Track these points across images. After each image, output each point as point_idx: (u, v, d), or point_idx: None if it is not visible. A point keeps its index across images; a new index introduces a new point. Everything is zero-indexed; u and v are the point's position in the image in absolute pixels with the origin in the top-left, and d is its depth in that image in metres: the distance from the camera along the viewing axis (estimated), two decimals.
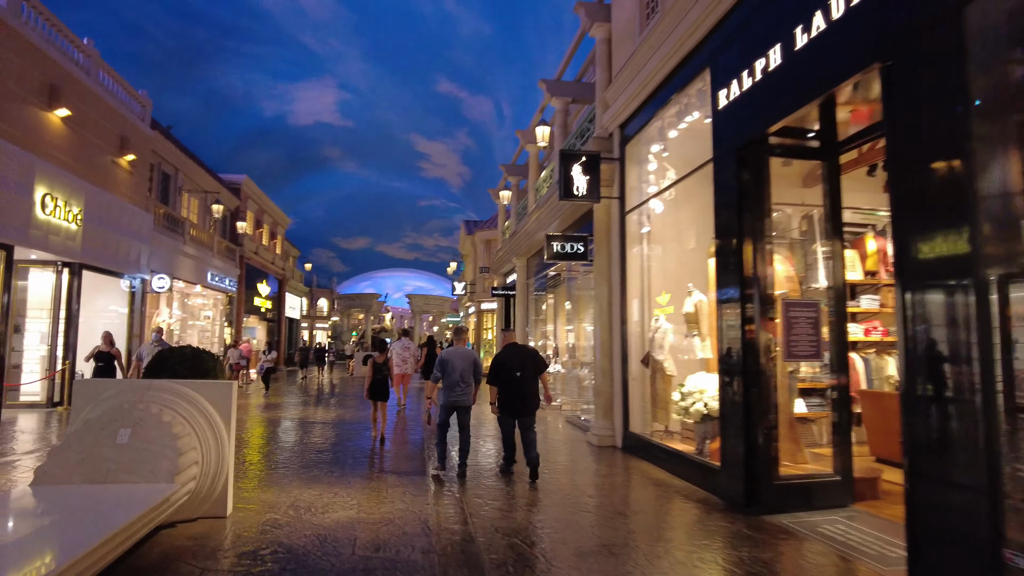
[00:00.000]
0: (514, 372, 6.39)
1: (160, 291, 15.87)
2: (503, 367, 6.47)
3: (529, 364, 6.49)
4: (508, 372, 6.42)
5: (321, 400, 14.92)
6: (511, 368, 6.42)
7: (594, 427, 8.65)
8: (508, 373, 6.41)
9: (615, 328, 8.57)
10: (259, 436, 9.10)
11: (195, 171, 20.22)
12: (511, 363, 6.45)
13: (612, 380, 8.57)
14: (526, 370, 6.43)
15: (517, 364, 6.43)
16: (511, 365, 6.43)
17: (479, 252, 27.75)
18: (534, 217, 12.69)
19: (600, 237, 8.84)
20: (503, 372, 6.45)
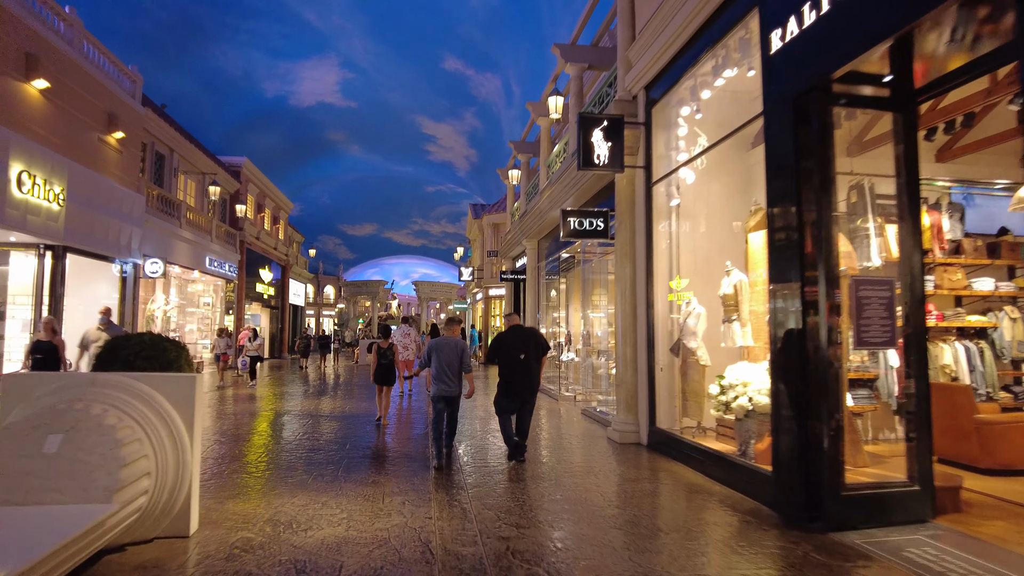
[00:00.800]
0: (518, 354, 6.33)
1: (153, 276, 15.16)
2: (505, 349, 6.39)
3: (532, 346, 6.44)
4: (511, 354, 6.34)
5: (320, 390, 14.19)
6: (514, 350, 6.34)
7: (616, 422, 7.84)
8: (511, 355, 6.34)
9: (640, 313, 7.72)
10: (243, 433, 8.36)
11: (192, 152, 19.43)
12: (514, 345, 6.38)
13: (636, 370, 7.74)
14: (529, 352, 6.37)
15: (520, 346, 6.38)
16: (514, 347, 6.36)
17: (487, 236, 26.88)
18: (546, 195, 11.81)
19: (623, 212, 7.96)
20: (505, 354, 6.37)
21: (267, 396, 12.69)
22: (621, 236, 7.95)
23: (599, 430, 8.59)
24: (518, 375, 6.38)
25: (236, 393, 13.03)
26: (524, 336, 6.59)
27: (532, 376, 6.46)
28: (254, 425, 8.91)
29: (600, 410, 9.89)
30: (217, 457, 6.53)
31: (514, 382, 6.40)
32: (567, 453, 7.05)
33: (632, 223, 7.90)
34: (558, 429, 8.85)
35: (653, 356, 7.40)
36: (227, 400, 11.75)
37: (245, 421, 9.23)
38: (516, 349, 6.39)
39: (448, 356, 6.33)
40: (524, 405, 6.48)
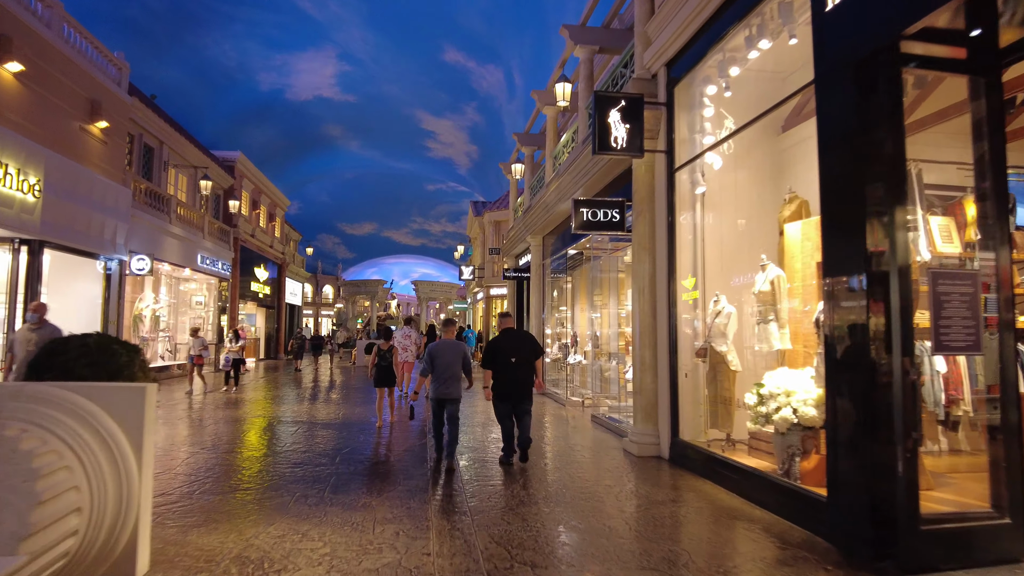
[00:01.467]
0: (510, 358, 6.32)
1: (140, 273, 14.46)
2: (499, 352, 6.37)
3: (526, 350, 6.45)
4: (504, 357, 6.33)
5: (311, 395, 13.48)
6: (507, 353, 6.33)
7: (633, 433, 7.13)
8: (504, 358, 6.32)
9: (660, 312, 7.02)
10: (220, 446, 7.65)
11: (183, 145, 18.72)
12: (507, 348, 6.37)
13: (656, 376, 7.04)
14: (522, 356, 6.37)
15: (513, 349, 6.37)
16: (507, 350, 6.35)
17: (488, 234, 26.18)
18: (553, 187, 11.11)
19: (641, 202, 7.26)
20: (499, 357, 6.35)
21: (252, 402, 11.98)
22: (639, 228, 7.24)
23: (613, 440, 7.89)
24: (512, 378, 6.35)
25: (217, 399, 12.32)
26: (518, 339, 6.60)
27: (526, 379, 6.42)
28: (234, 436, 8.20)
29: (611, 417, 9.19)
30: (188, 474, 5.83)
31: (508, 385, 6.36)
32: (581, 468, 6.35)
33: (652, 214, 7.20)
34: (568, 439, 8.15)
35: (676, 360, 6.70)
36: (205, 407, 11.04)
37: (224, 431, 8.52)
38: (509, 352, 6.36)
39: (449, 359, 6.29)
40: (519, 407, 6.39)
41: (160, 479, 5.50)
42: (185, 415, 9.85)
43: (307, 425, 8.91)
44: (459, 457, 6.65)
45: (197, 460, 6.42)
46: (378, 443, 7.58)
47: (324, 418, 9.62)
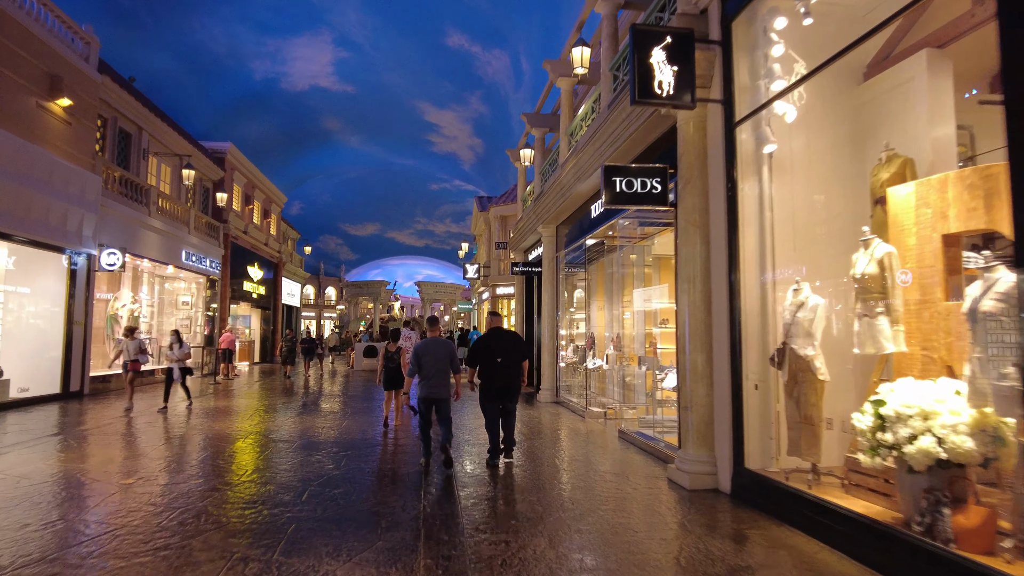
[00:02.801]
0: (496, 358, 6.27)
1: (110, 269, 13.08)
2: (485, 352, 6.33)
3: (512, 350, 6.39)
4: (489, 357, 6.29)
5: (295, 407, 12.04)
6: (493, 353, 6.29)
7: (682, 459, 5.64)
8: (489, 358, 6.29)
9: (718, 307, 5.55)
10: (151, 479, 6.22)
11: (165, 133, 17.37)
12: (495, 348, 6.32)
13: (712, 386, 5.56)
14: (508, 356, 6.32)
15: (500, 350, 6.31)
16: (494, 350, 6.31)
17: (494, 230, 24.74)
18: (570, 165, 9.66)
19: (690, 168, 5.79)
20: (485, 356, 6.32)
21: (221, 415, 10.54)
22: (687, 201, 5.77)
23: (651, 466, 6.41)
24: (498, 378, 6.29)
25: (179, 413, 10.90)
26: (505, 339, 6.51)
27: (513, 379, 6.36)
28: (175, 464, 6.76)
29: (641, 433, 7.72)
30: (90, 525, 4.39)
31: (494, 385, 6.31)
32: (618, 506, 4.88)
33: (704, 182, 5.73)
34: (593, 463, 6.67)
35: (740, 367, 5.23)
36: (155, 424, 9.62)
37: (165, 457, 7.08)
38: (496, 352, 6.30)
39: (437, 358, 6.13)
40: (505, 407, 6.37)
41: (38, 534, 4.07)
42: (120, 435, 8.43)
43: (278, 446, 7.47)
44: (466, 499, 5.19)
45: (109, 504, 4.98)
46: (361, 469, 6.13)
47: (302, 436, 8.17)
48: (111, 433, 8.10)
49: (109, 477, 5.67)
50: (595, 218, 9.43)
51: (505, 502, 4.99)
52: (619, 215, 8.36)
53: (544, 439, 8.13)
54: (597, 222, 9.41)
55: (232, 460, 6.56)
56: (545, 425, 9.32)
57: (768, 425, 5.19)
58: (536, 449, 7.38)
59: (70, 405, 11.03)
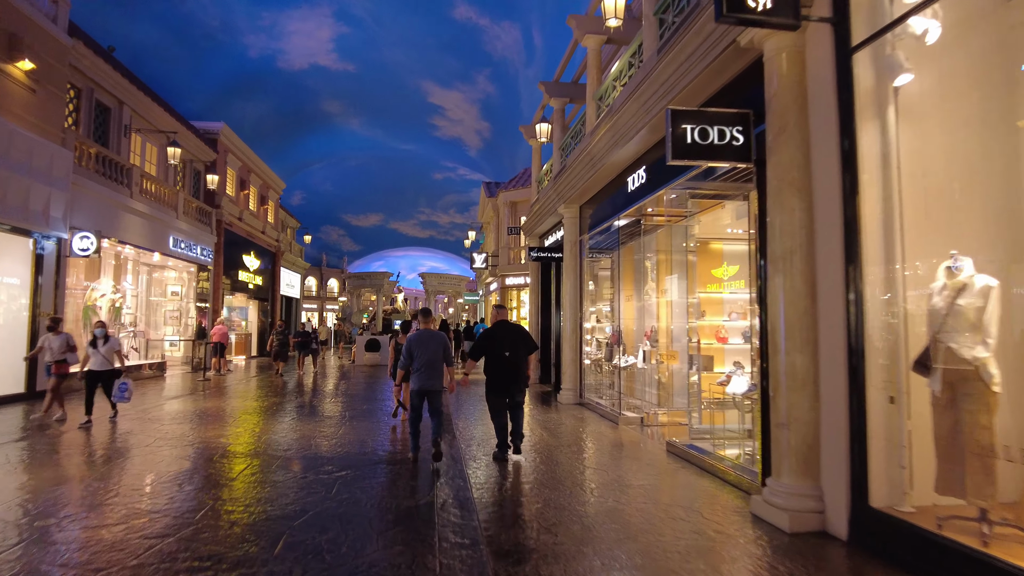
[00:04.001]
0: (504, 351, 6.20)
1: (83, 255, 11.79)
2: (492, 345, 6.26)
3: (520, 344, 6.33)
4: (498, 351, 6.21)
5: (288, 409, 10.77)
6: (500, 346, 6.22)
7: (775, 490, 4.33)
8: (498, 352, 6.21)
9: (826, 292, 4.22)
10: (75, 514, 4.93)
11: (149, 108, 16.02)
12: (500, 341, 6.26)
13: (818, 397, 4.24)
14: (516, 350, 6.26)
15: (508, 344, 6.25)
16: (502, 344, 6.24)
17: (503, 217, 23.38)
18: (603, 132, 8.29)
19: (785, 112, 4.44)
20: (491, 350, 6.25)
21: (190, 419, 9.28)
22: (782, 155, 4.42)
23: (722, 493, 5.10)
24: (505, 372, 6.24)
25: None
26: (512, 332, 6.44)
27: (520, 373, 6.33)
28: (115, 489, 5.49)
29: (694, 446, 6.42)
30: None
31: (502, 379, 6.26)
32: (700, 560, 3.57)
33: (803, 131, 4.38)
34: (641, 487, 5.36)
35: (861, 372, 3.90)
36: (98, 433, 8.35)
37: (95, 482, 5.81)
38: (503, 345, 6.25)
39: (430, 350, 6.11)
40: (513, 399, 6.30)
41: None
42: (50, 451, 7.16)
43: (255, 464, 6.19)
44: (494, 546, 3.90)
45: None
46: (358, 500, 4.84)
47: (288, 449, 6.89)
48: (40, 450, 6.83)
49: (8, 511, 4.39)
50: (632, 192, 8.08)
51: (553, 558, 3.68)
52: (667, 185, 7.01)
53: (574, 453, 6.83)
54: (634, 197, 8.06)
55: (190, 486, 5.27)
56: (571, 433, 8.02)
57: (899, 448, 3.88)
58: (569, 467, 6.08)
59: (35, 407, 9.78)
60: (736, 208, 7.79)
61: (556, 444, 7.24)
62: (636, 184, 7.87)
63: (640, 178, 7.74)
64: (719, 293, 8.42)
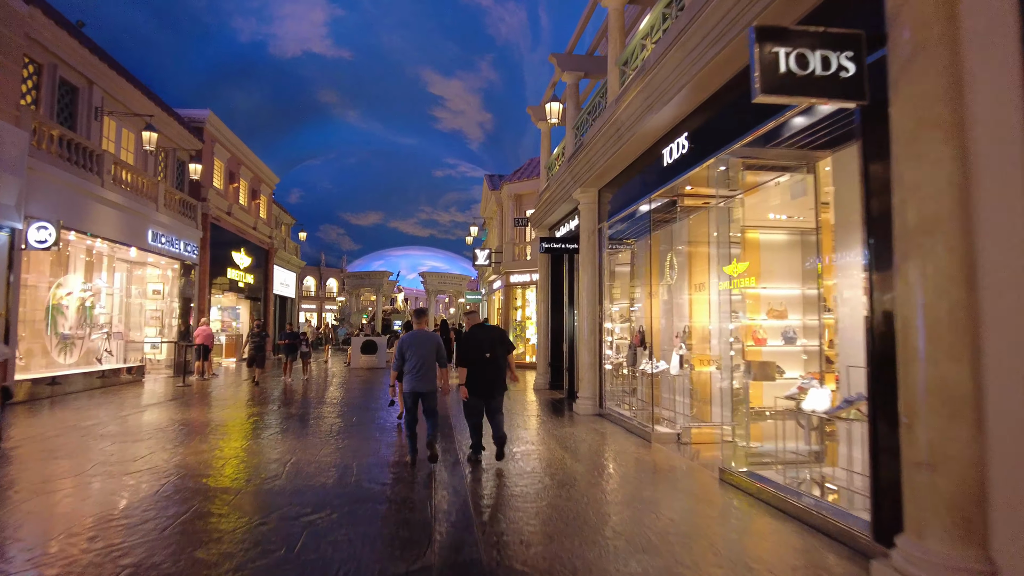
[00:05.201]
0: (483, 353, 6.18)
1: (40, 247, 10.53)
2: (471, 348, 6.21)
3: (497, 345, 6.27)
4: (476, 353, 6.18)
5: (267, 423, 9.51)
6: (479, 349, 6.18)
7: (912, 556, 3.03)
8: (476, 354, 6.18)
9: (994, 277, 2.94)
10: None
11: (125, 91, 14.77)
12: (479, 344, 6.22)
13: (982, 428, 2.95)
14: (495, 351, 6.21)
15: (487, 345, 6.21)
16: (479, 346, 6.20)
17: (507, 211, 22.10)
18: (633, 95, 7.01)
19: (921, 27, 3.15)
20: (472, 353, 6.20)
21: (140, 438, 8.00)
22: (921, 83, 3.14)
23: (813, 547, 3.82)
24: (483, 374, 6.14)
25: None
26: (489, 334, 6.36)
27: (498, 375, 6.25)
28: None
29: (756, 475, 5.15)
30: None
31: (480, 381, 6.16)
32: None
33: (954, 45, 3.09)
34: (703, 535, 4.07)
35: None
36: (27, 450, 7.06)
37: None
38: (481, 348, 6.17)
39: (423, 351, 6.02)
40: (491, 403, 6.21)
41: None
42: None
43: (209, 502, 4.91)
44: None
45: None
46: (326, 564, 3.57)
47: (254, 478, 5.62)
48: None
49: None
50: (669, 166, 6.81)
51: None
52: (718, 152, 5.76)
53: (604, 482, 5.56)
54: (671, 172, 6.79)
55: (97, 542, 4.00)
56: (595, 453, 6.75)
57: None
58: (599, 504, 4.80)
59: None
60: (789, 188, 6.50)
61: (579, 468, 5.97)
62: (674, 156, 6.60)
63: (680, 148, 6.47)
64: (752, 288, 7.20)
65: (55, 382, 11.61)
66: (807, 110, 4.66)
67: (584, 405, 9.56)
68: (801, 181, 6.33)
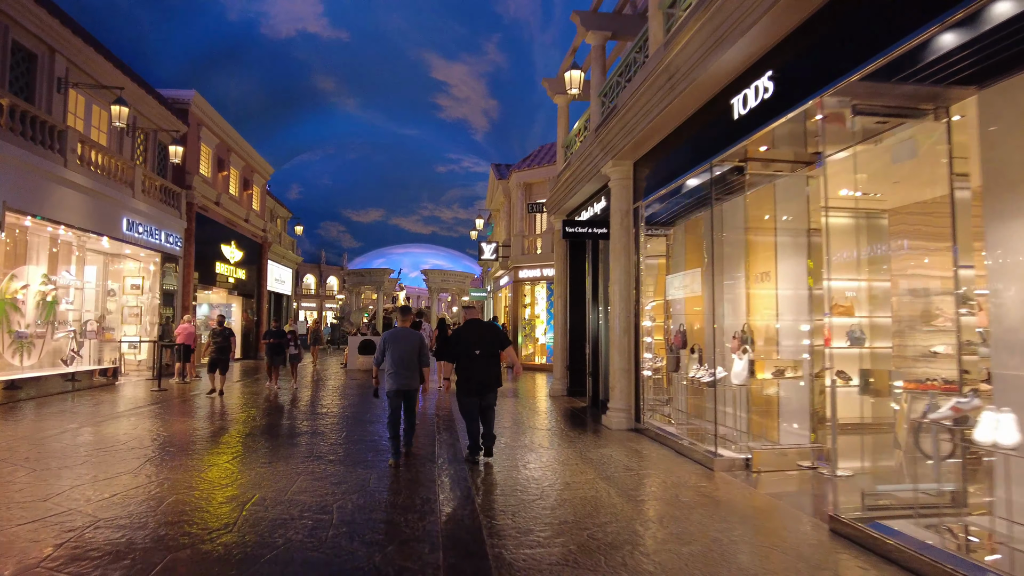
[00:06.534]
0: (474, 350, 6.04)
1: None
2: (461, 344, 6.09)
3: (491, 341, 6.13)
4: (468, 350, 6.05)
5: (240, 441, 8.06)
6: (471, 345, 6.05)
7: None
8: (468, 351, 6.05)
9: None
10: None
11: (95, 63, 13.31)
12: (471, 340, 6.07)
13: None
14: (485, 348, 6.07)
15: (477, 341, 6.07)
16: (471, 342, 6.06)
17: (515, 201, 20.62)
18: (691, 35, 5.51)
19: None
20: (461, 350, 6.08)
21: (65, 464, 6.53)
22: None
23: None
24: (476, 371, 6.01)
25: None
26: (482, 330, 6.20)
27: (492, 372, 6.07)
28: None
29: (901, 535, 3.69)
30: None
31: (472, 379, 6.03)
32: None
33: None
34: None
35: None
36: None
37: None
38: (473, 344, 6.03)
39: (404, 348, 5.94)
40: (484, 401, 6.06)
41: None
42: None
43: (117, 563, 3.44)
44: None
45: None
46: None
47: (179, 539, 4.16)
48: None
49: None
50: (742, 118, 5.33)
51: None
52: (822, 91, 4.29)
53: (671, 541, 4.06)
54: (744, 126, 5.31)
55: None
56: (646, 490, 5.26)
57: None
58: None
59: None
60: (890, 150, 5.02)
61: (630, 512, 4.48)
62: (750, 104, 5.12)
63: (760, 93, 4.99)
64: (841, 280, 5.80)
65: (14, 386, 10.19)
66: (962, 23, 3.23)
67: (616, 418, 8.06)
68: (908, 140, 4.87)
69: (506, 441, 7.16)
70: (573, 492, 4.97)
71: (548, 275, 18.90)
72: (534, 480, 5.36)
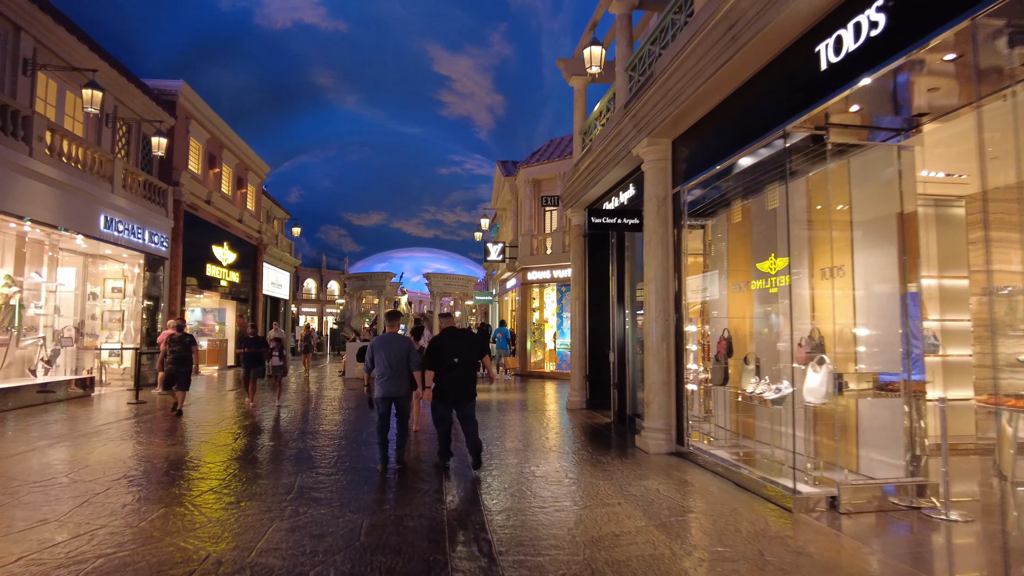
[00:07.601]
0: (452, 358, 5.99)
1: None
2: (440, 352, 6.03)
3: (469, 349, 6.10)
4: (446, 357, 6.00)
5: (176, 478, 6.89)
6: (450, 353, 6.00)
7: None
8: (446, 359, 6.00)
9: None
10: None
11: (68, 45, 12.23)
12: (450, 348, 6.03)
13: None
14: (463, 356, 6.01)
15: (456, 349, 6.02)
16: (450, 350, 6.01)
17: (523, 199, 19.49)
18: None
19: None
20: (440, 358, 6.03)
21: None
22: None
23: None
24: (453, 379, 5.96)
25: None
26: (461, 338, 6.16)
27: (469, 380, 6.03)
28: None
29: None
30: None
31: (449, 386, 5.98)
32: None
33: None
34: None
35: None
36: None
37: None
38: (452, 352, 5.98)
39: (393, 354, 5.91)
40: (462, 410, 5.97)
41: None
42: None
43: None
44: None
45: None
46: None
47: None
48: None
49: None
50: (833, 67, 4.19)
51: None
52: (964, 16, 3.14)
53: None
54: (836, 77, 4.17)
55: None
56: (705, 541, 4.10)
57: None
58: None
59: None
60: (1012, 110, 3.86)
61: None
62: (850, 46, 3.97)
63: (865, 30, 3.84)
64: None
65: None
66: None
67: (654, 440, 6.88)
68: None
69: (525, 469, 6.01)
70: (625, 551, 3.81)
71: (559, 276, 17.74)
72: (568, 528, 4.20)
